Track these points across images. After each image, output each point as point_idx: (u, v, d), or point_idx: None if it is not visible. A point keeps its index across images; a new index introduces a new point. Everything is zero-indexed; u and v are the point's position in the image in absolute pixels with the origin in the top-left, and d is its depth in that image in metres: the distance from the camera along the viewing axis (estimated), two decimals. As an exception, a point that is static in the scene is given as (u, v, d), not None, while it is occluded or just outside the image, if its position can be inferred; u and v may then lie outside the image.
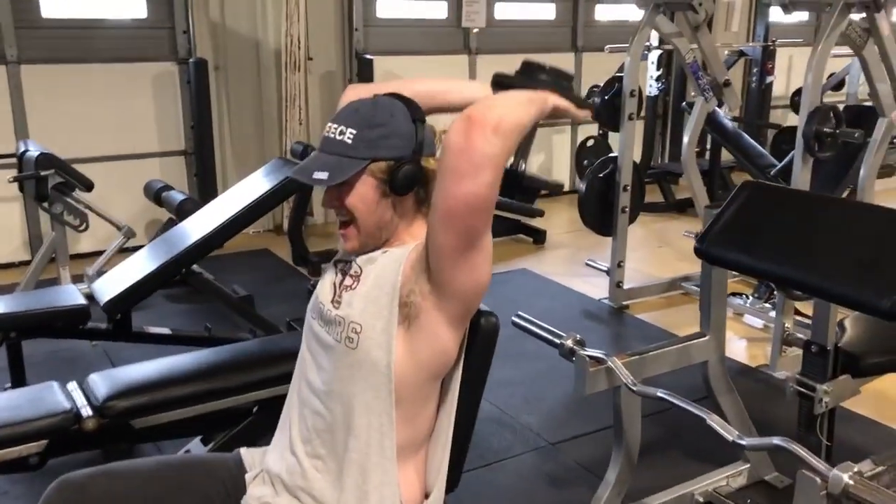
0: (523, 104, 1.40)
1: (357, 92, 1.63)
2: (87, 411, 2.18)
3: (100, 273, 4.02)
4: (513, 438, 2.96)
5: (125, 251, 4.37)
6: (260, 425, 2.41)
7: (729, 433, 1.77)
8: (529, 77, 1.57)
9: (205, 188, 5.25)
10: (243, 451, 1.65)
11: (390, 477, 1.44)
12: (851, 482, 1.53)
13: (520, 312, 2.33)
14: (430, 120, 1.55)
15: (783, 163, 4.46)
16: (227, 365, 2.47)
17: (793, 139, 3.48)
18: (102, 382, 2.27)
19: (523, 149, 1.63)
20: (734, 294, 4.27)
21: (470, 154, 1.28)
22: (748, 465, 2.61)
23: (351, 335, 1.44)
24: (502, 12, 6.45)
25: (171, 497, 1.51)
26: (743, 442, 1.76)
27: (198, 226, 3.41)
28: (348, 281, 1.51)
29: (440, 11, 6.18)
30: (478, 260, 1.38)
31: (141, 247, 4.23)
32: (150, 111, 5.26)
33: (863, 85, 5.59)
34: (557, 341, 2.21)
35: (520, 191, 4.70)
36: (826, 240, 1.94)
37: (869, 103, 3.58)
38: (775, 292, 3.80)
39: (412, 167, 1.43)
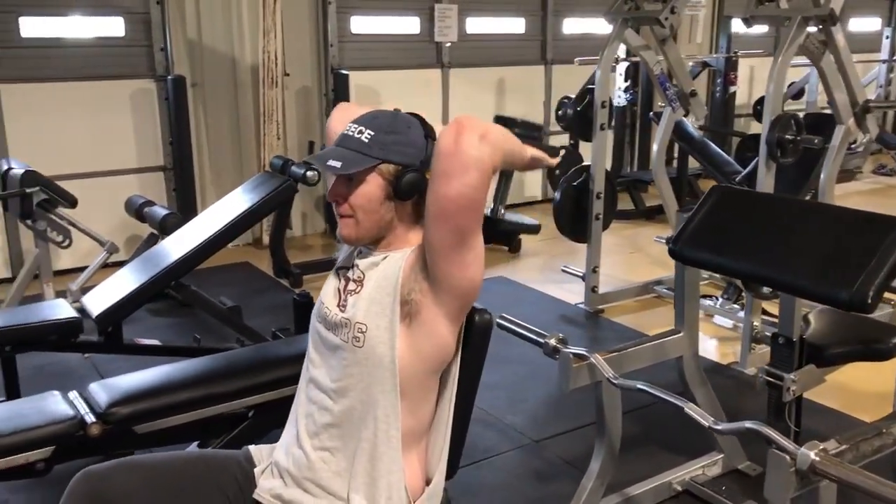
0: (504, 133, 1.53)
1: (348, 109, 1.75)
2: (90, 418, 2.24)
3: (83, 289, 4.07)
4: (498, 438, 3.07)
5: (107, 266, 4.44)
6: (255, 429, 2.49)
7: (705, 419, 1.90)
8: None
9: (184, 203, 5.31)
10: (252, 447, 1.75)
11: (396, 465, 1.54)
12: (818, 458, 1.66)
13: (503, 315, 2.44)
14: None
15: (748, 169, 4.64)
16: (223, 372, 2.55)
17: (756, 146, 3.65)
18: (103, 391, 2.35)
19: (501, 194, 1.74)
20: (704, 296, 4.42)
21: (458, 156, 1.41)
22: (722, 455, 2.75)
23: (357, 335, 1.55)
24: (474, 27, 6.60)
25: (187, 488, 1.60)
26: (718, 427, 1.89)
27: (186, 239, 3.48)
28: (352, 286, 1.61)
29: (413, 27, 6.32)
30: (469, 257, 1.49)
31: (122, 262, 4.29)
32: (128, 128, 5.31)
33: (821, 94, 5.82)
34: (542, 340, 2.33)
35: (497, 235, 4.85)
36: (790, 238, 2.08)
37: (828, 111, 3.76)
38: (743, 293, 3.96)
39: (418, 176, 1.54)
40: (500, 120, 1.57)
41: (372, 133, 1.54)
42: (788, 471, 1.70)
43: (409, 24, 6.30)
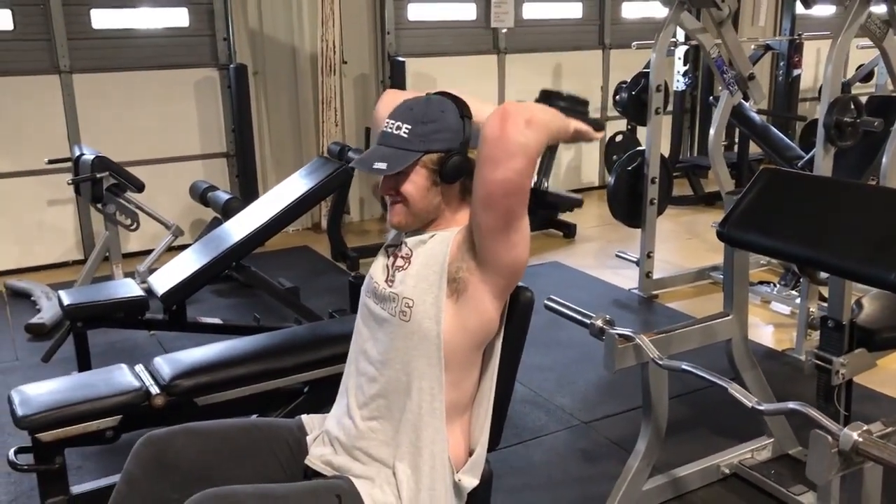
0: (551, 115, 1.59)
1: (393, 96, 1.80)
2: (155, 389, 2.37)
3: (150, 270, 4.25)
4: (547, 418, 3.11)
5: (173, 249, 4.61)
6: (311, 404, 2.59)
7: (748, 399, 1.91)
8: (549, 104, 1.70)
9: (246, 188, 5.47)
10: (304, 416, 1.83)
11: (440, 435, 1.60)
12: (861, 439, 1.66)
13: (551, 296, 2.47)
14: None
15: (810, 154, 4.55)
16: (280, 348, 2.66)
17: (820, 131, 3.58)
18: (167, 364, 2.47)
19: (546, 167, 1.76)
20: (762, 282, 4.38)
21: (505, 143, 1.46)
22: (773, 440, 2.74)
23: (404, 309, 1.61)
24: (530, 12, 6.59)
25: (243, 451, 1.69)
26: (761, 407, 1.89)
27: (245, 222, 3.61)
28: (400, 262, 1.68)
29: (469, 13, 6.34)
30: (516, 238, 1.54)
31: (186, 245, 4.46)
32: (192, 115, 5.49)
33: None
34: (588, 321, 2.36)
35: (543, 206, 4.86)
36: (840, 221, 2.07)
37: (894, 94, 3.67)
38: (801, 280, 3.91)
39: (460, 158, 1.59)
40: (545, 93, 1.60)
41: (409, 127, 1.60)
42: (830, 451, 1.70)
43: (465, 11, 6.33)
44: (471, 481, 1.64)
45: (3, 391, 3.25)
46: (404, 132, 1.60)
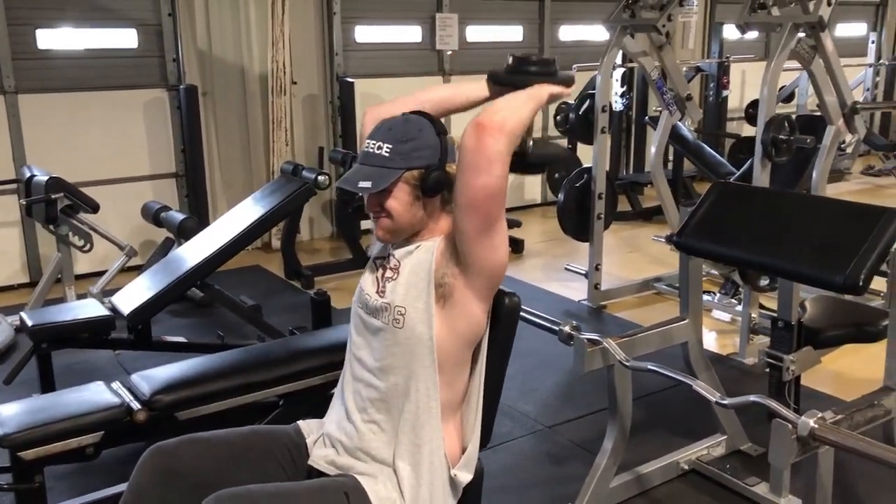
0: (522, 103, 1.70)
1: (377, 111, 1.90)
2: (136, 405, 2.39)
3: (104, 291, 4.22)
4: (512, 424, 3.23)
5: (126, 270, 4.59)
6: (286, 416, 2.63)
7: (711, 395, 2.07)
8: (520, 71, 1.81)
9: (196, 209, 5.46)
10: (301, 422, 1.90)
11: (437, 433, 1.70)
12: (816, 426, 1.83)
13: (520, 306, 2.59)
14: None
15: (741, 170, 4.83)
16: (255, 363, 2.71)
17: (749, 149, 3.83)
18: (145, 381, 2.50)
19: (526, 130, 1.85)
20: (703, 292, 4.61)
21: (483, 152, 1.58)
22: (726, 437, 2.92)
23: (397, 317, 1.71)
24: (474, 35, 6.79)
25: (246, 458, 1.76)
26: (725, 402, 2.06)
27: (209, 241, 3.64)
28: (389, 273, 1.77)
29: (415, 35, 6.50)
30: (496, 240, 1.66)
31: (139, 266, 4.44)
32: (142, 136, 5.46)
33: (811, 96, 6.02)
34: (556, 328, 2.50)
35: (530, 168, 4.97)
36: (788, 228, 2.26)
37: (817, 113, 3.95)
38: (741, 288, 4.14)
39: (440, 173, 1.71)
40: (517, 60, 1.70)
41: (390, 146, 1.70)
42: (790, 437, 1.87)
43: (411, 33, 6.49)
44: (465, 476, 1.75)
45: (-36, 415, 3.19)
46: (385, 151, 1.70)
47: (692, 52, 7.94)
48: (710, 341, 4.15)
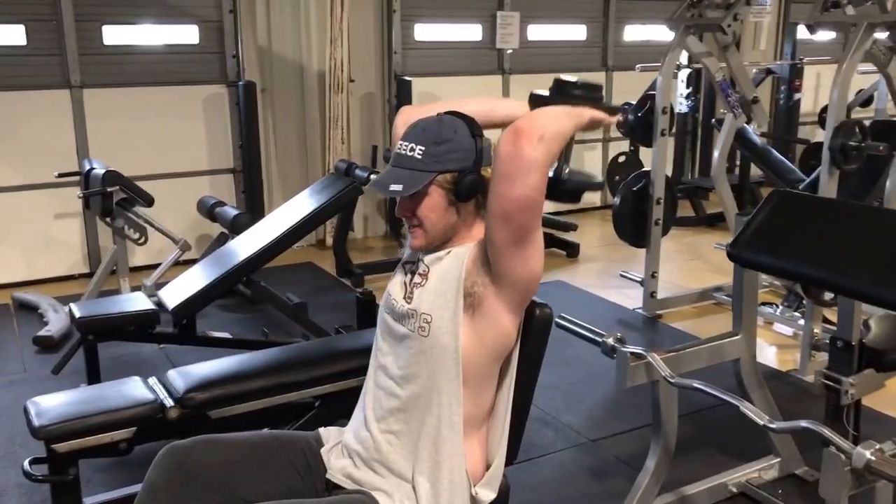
0: (562, 117, 1.61)
1: (409, 113, 1.83)
2: (169, 402, 2.38)
3: (157, 284, 4.27)
4: (555, 436, 3.13)
5: (179, 264, 4.64)
6: (322, 418, 2.59)
7: (760, 418, 1.94)
8: (563, 94, 1.73)
9: (252, 204, 5.50)
10: (321, 429, 1.86)
11: (459, 448, 1.62)
12: (874, 458, 1.69)
13: (562, 314, 2.50)
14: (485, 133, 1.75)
15: (811, 177, 4.59)
16: (292, 363, 2.67)
17: (820, 155, 3.63)
18: (180, 377, 2.48)
19: (564, 155, 1.77)
20: (765, 304, 4.41)
21: (519, 160, 1.49)
22: (779, 459, 2.76)
23: (423, 325, 1.64)
24: (535, 34, 6.67)
25: (262, 462, 1.71)
26: (773, 425, 1.93)
27: (256, 238, 3.64)
28: (417, 279, 1.70)
29: (475, 34, 6.42)
30: (530, 252, 1.57)
31: (193, 260, 4.48)
32: (200, 131, 5.53)
33: (890, 102, 5.72)
34: (599, 339, 2.39)
35: (562, 194, 4.88)
36: (850, 242, 2.10)
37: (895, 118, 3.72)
38: (804, 301, 3.94)
39: (474, 177, 1.63)
40: (560, 83, 1.61)
41: (423, 148, 1.62)
42: (843, 469, 1.73)
43: (471, 32, 6.41)
44: (488, 495, 1.66)
45: (12, 403, 3.28)
46: (418, 153, 1.62)
47: (764, 53, 7.64)
48: (770, 356, 3.97)
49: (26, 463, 2.22)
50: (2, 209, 5.00)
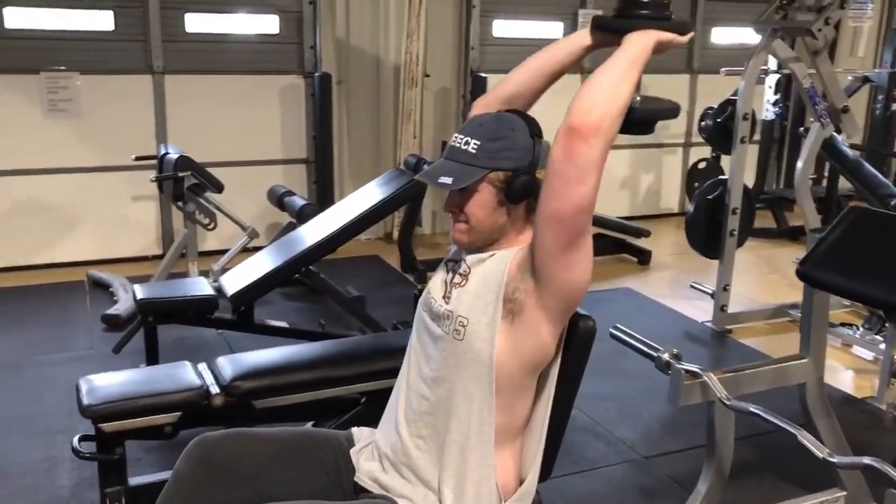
0: (623, 74, 1.46)
1: (485, 100, 1.78)
2: (215, 389, 2.39)
3: (224, 270, 4.33)
4: (606, 449, 3.03)
5: (248, 250, 4.69)
6: (367, 415, 2.56)
7: (819, 450, 1.81)
8: (629, 16, 1.59)
9: (322, 195, 5.54)
10: (354, 429, 1.82)
11: (488, 460, 1.56)
12: (942, 505, 1.55)
13: (617, 325, 2.40)
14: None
15: (903, 194, 4.34)
16: (340, 357, 2.66)
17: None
18: (229, 364, 2.49)
19: (637, 82, 1.61)
20: (844, 324, 4.19)
21: (576, 161, 1.40)
22: (844, 493, 2.58)
23: (458, 328, 1.58)
24: (617, 33, 6.50)
25: (290, 458, 1.69)
26: (833, 459, 1.79)
27: (318, 229, 3.64)
28: (458, 279, 1.64)
29: (556, 32, 6.30)
30: (578, 258, 1.49)
31: (261, 247, 4.53)
32: (276, 121, 5.60)
33: None
34: (654, 354, 2.28)
35: (631, 125, 4.61)
36: (932, 267, 1.94)
37: None
38: (886, 325, 3.71)
39: (528, 178, 1.55)
40: (625, 4, 1.48)
41: (478, 143, 1.56)
42: (907, 514, 1.59)
43: (552, 29, 6.29)
44: (519, 511, 1.59)
45: (75, 378, 3.36)
46: (472, 148, 1.56)
47: (862, 60, 7.29)
48: (846, 380, 3.75)
49: (75, 440, 2.26)
50: (82, 189, 5.17)
